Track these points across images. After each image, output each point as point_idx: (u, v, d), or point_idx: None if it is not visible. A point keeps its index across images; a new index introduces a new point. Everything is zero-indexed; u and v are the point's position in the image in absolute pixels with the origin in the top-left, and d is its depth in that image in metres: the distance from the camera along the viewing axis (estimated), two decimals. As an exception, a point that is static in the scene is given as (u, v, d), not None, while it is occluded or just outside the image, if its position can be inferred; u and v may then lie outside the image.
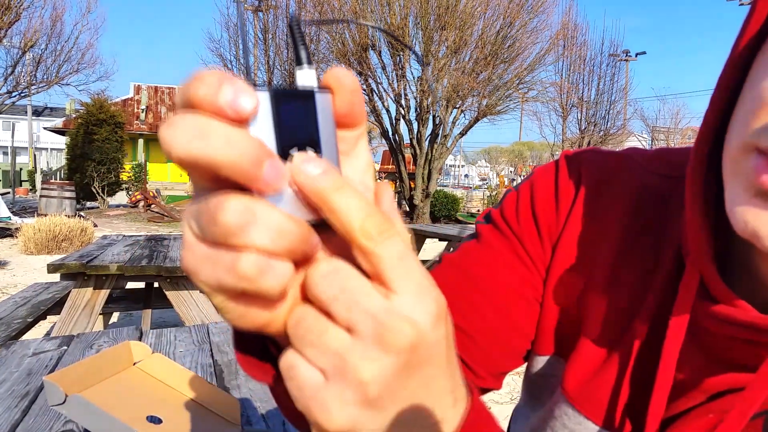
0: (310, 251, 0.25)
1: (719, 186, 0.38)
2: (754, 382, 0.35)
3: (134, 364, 0.77)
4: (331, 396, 0.25)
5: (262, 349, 0.32)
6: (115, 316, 4.59)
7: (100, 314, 3.33)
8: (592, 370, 0.48)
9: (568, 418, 0.49)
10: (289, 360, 0.26)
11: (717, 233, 0.40)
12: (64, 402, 0.62)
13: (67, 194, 12.21)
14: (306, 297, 0.26)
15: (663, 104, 73.74)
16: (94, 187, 15.20)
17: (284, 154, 0.24)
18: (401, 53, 13.75)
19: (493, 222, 0.57)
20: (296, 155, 0.24)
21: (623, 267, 0.50)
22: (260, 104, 0.23)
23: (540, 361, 0.55)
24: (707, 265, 0.39)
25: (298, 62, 0.26)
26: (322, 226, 0.25)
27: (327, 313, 0.25)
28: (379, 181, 0.29)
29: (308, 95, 0.25)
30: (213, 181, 0.24)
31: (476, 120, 14.48)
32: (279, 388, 0.30)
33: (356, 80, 0.27)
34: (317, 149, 0.25)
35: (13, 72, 16.29)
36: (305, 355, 0.25)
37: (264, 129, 0.24)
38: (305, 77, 0.25)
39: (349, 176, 0.28)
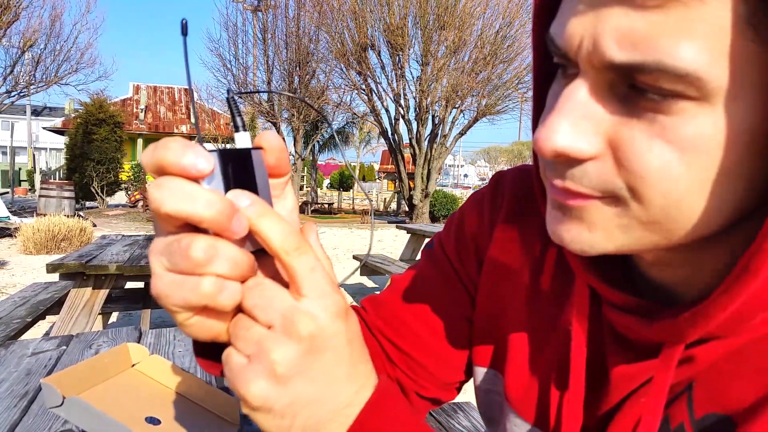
0: (252, 274, 0.34)
1: None
2: (659, 365, 0.38)
3: (132, 365, 0.77)
4: (250, 373, 0.33)
5: (216, 353, 0.40)
6: (114, 316, 4.59)
7: (99, 314, 3.32)
8: (527, 379, 0.51)
9: (517, 428, 0.52)
10: (226, 352, 0.35)
11: None
12: (61, 404, 0.62)
13: (66, 194, 12.21)
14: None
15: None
16: (93, 187, 15.20)
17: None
18: (400, 53, 13.76)
19: (435, 246, 0.63)
20: (230, 193, 0.32)
21: (543, 277, 0.53)
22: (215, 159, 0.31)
23: (480, 373, 0.58)
24: (584, 274, 0.43)
25: (236, 128, 0.34)
26: (261, 252, 0.34)
27: (252, 316, 0.33)
28: (303, 225, 0.38)
29: (246, 153, 0.33)
30: (179, 226, 0.32)
31: (475, 120, 14.49)
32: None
33: (281, 140, 0.35)
34: (255, 192, 0.33)
35: (12, 72, 16.27)
36: (236, 346, 0.34)
37: (215, 180, 0.32)
38: (242, 139, 0.34)
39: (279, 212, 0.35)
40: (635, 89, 0.31)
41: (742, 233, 0.35)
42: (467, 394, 0.66)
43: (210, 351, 0.45)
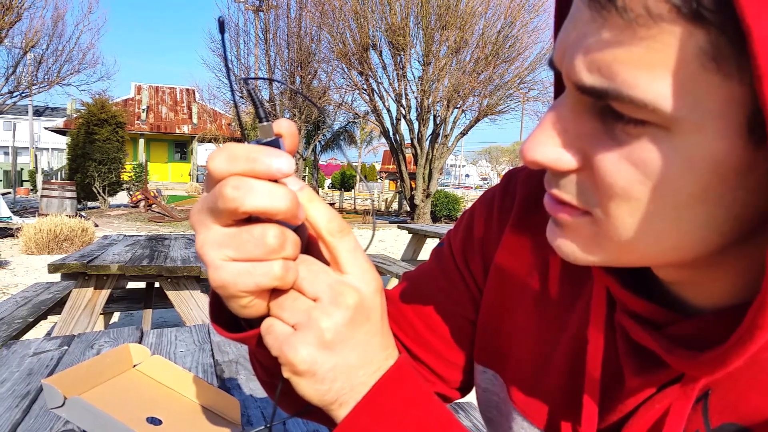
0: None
1: None
2: (689, 370, 0.38)
3: (134, 366, 0.77)
4: (299, 339, 0.35)
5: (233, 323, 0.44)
6: (115, 316, 4.59)
7: (100, 314, 3.33)
8: (535, 383, 0.52)
9: (524, 431, 0.52)
10: (267, 322, 0.37)
11: None
12: (63, 404, 0.62)
13: (68, 194, 12.21)
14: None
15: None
16: (95, 187, 15.21)
17: None
18: (402, 53, 13.75)
19: (444, 245, 0.64)
20: (287, 179, 0.35)
21: (551, 282, 0.53)
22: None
23: (479, 371, 0.59)
24: (604, 277, 0.43)
25: (260, 119, 0.36)
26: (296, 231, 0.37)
27: (299, 289, 0.36)
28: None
29: (276, 143, 0.36)
30: (238, 220, 0.34)
31: (477, 120, 14.47)
32: (257, 352, 0.45)
33: (294, 126, 0.38)
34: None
35: (14, 72, 16.30)
36: (281, 317, 0.36)
37: None
38: (266, 129, 0.36)
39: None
40: (611, 109, 0.31)
41: (755, 247, 0.35)
42: (468, 395, 0.66)
43: (229, 322, 0.46)
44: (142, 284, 3.98)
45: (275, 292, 0.36)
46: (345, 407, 0.37)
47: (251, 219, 0.34)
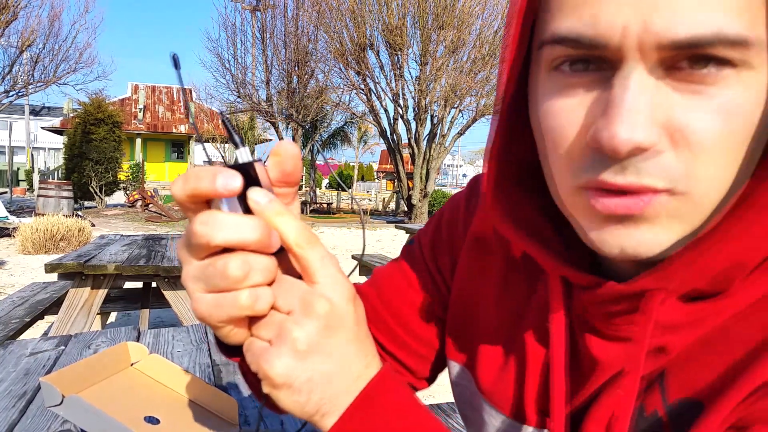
0: (275, 274, 0.37)
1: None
2: (630, 353, 0.40)
3: (131, 364, 0.77)
4: (273, 353, 0.36)
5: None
6: (112, 316, 4.58)
7: (97, 314, 3.32)
8: (500, 373, 0.53)
9: (493, 418, 0.53)
10: (248, 341, 0.38)
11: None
12: (61, 403, 0.62)
13: (65, 194, 12.18)
14: None
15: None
16: (92, 187, 15.17)
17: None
18: (399, 53, 13.75)
19: (414, 243, 0.66)
20: (251, 191, 0.36)
21: (514, 272, 0.55)
22: None
23: (453, 366, 0.60)
24: (555, 264, 0.44)
25: (236, 146, 0.37)
26: (276, 253, 0.37)
27: (274, 307, 0.37)
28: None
29: (250, 166, 0.36)
30: (215, 252, 0.35)
31: (474, 120, 14.48)
32: (245, 369, 0.49)
33: (297, 148, 0.39)
34: None
35: (10, 71, 16.24)
36: (258, 334, 0.37)
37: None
38: (243, 154, 0.37)
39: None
40: (675, 68, 0.32)
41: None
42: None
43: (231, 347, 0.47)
44: (139, 284, 3.97)
45: (254, 318, 0.37)
46: (327, 417, 0.37)
47: (229, 249, 0.35)
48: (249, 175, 0.36)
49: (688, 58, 0.32)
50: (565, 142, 0.37)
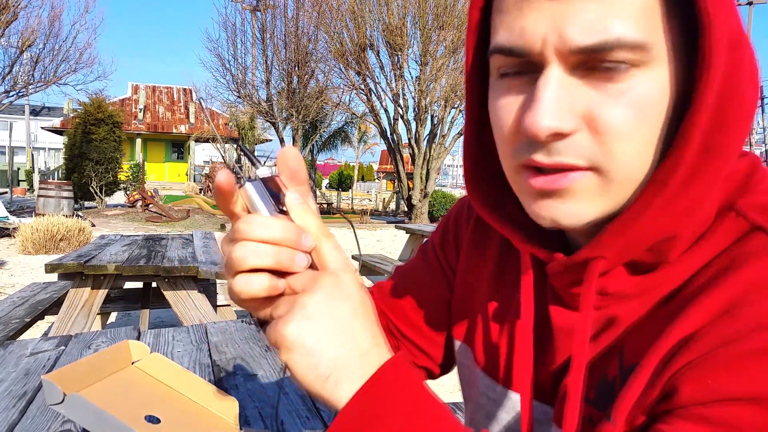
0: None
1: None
2: (577, 322, 0.46)
3: (133, 363, 0.77)
4: (285, 319, 0.39)
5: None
6: (113, 316, 4.58)
7: (98, 314, 3.32)
8: (494, 347, 0.59)
9: (488, 389, 0.60)
10: (269, 326, 0.41)
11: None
12: (62, 401, 0.62)
13: (65, 194, 12.18)
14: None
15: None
16: (92, 187, 15.16)
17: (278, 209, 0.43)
18: (399, 53, 13.75)
19: (428, 242, 0.75)
20: (288, 194, 0.44)
21: (508, 258, 0.61)
22: (256, 187, 0.43)
23: (456, 345, 0.67)
24: (524, 244, 0.51)
25: (256, 167, 0.44)
26: None
27: (290, 290, 0.42)
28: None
29: (272, 179, 0.44)
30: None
31: (474, 120, 14.44)
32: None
33: (298, 153, 0.45)
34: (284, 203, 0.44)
35: (10, 71, 16.24)
36: (276, 314, 0.42)
37: (264, 197, 0.43)
38: (263, 171, 0.44)
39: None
40: (590, 68, 0.40)
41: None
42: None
43: None
44: (139, 284, 3.97)
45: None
46: (340, 385, 0.39)
47: None
48: (273, 185, 0.44)
49: (599, 60, 0.39)
50: (506, 131, 0.45)
